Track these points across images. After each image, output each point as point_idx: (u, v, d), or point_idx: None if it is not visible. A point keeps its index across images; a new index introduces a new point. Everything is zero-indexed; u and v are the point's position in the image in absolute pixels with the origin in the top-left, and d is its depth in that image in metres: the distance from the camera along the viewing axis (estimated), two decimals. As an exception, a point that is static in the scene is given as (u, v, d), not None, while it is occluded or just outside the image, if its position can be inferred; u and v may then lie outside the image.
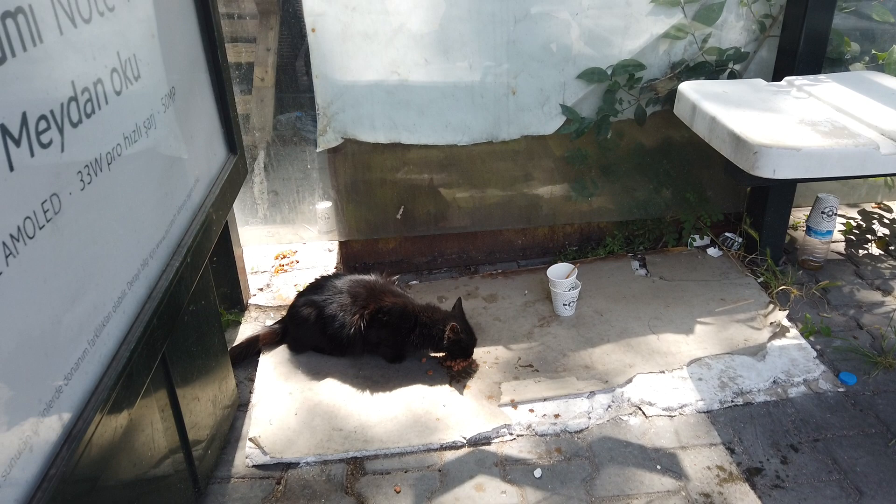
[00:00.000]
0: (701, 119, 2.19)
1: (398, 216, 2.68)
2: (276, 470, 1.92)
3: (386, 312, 2.21)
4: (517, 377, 2.21)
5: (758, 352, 2.26)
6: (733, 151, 1.98)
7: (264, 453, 1.93)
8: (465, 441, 1.98)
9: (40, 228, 1.06)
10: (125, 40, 1.40)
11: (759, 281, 2.63)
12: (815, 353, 2.25)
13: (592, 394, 2.13)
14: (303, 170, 2.61)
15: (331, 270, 2.85)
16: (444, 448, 1.97)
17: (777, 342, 2.30)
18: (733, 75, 2.61)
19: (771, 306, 2.47)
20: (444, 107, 2.53)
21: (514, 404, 2.10)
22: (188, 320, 1.69)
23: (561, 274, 2.52)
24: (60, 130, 1.13)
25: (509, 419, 2.04)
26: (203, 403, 1.80)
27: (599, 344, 2.35)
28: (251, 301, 2.70)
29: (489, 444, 1.98)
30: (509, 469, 1.89)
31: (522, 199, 2.77)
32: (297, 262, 3.08)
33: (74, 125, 1.18)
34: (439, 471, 1.90)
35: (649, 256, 2.82)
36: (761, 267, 2.66)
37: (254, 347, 2.33)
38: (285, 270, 3.03)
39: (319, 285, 2.32)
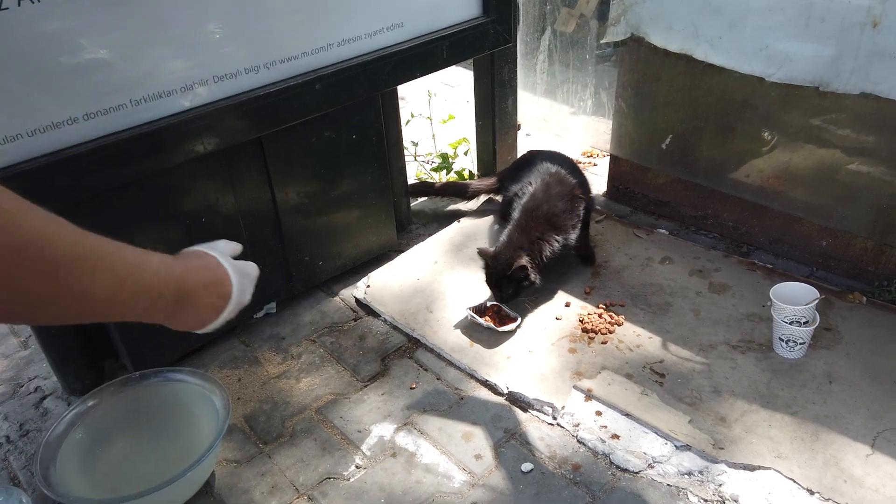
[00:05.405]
0: None
1: (663, 146, 2.18)
2: (363, 309, 2.06)
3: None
4: (629, 375, 1.73)
5: None
6: None
7: (365, 293, 2.08)
8: (506, 392, 1.73)
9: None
10: None
11: None
12: None
13: (685, 447, 1.53)
14: (582, 59, 2.33)
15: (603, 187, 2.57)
16: (484, 383, 1.77)
17: None
18: None
19: None
20: (763, 23, 1.86)
21: (588, 395, 1.68)
22: (315, 141, 1.88)
23: (797, 298, 1.73)
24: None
25: (565, 404, 1.67)
26: (324, 223, 2.03)
27: (772, 408, 1.61)
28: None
29: (525, 410, 1.69)
30: (510, 444, 1.60)
31: (838, 187, 1.90)
32: (596, 164, 2.85)
33: None
34: (461, 398, 1.74)
35: None
36: None
37: (454, 190, 2.47)
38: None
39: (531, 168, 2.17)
